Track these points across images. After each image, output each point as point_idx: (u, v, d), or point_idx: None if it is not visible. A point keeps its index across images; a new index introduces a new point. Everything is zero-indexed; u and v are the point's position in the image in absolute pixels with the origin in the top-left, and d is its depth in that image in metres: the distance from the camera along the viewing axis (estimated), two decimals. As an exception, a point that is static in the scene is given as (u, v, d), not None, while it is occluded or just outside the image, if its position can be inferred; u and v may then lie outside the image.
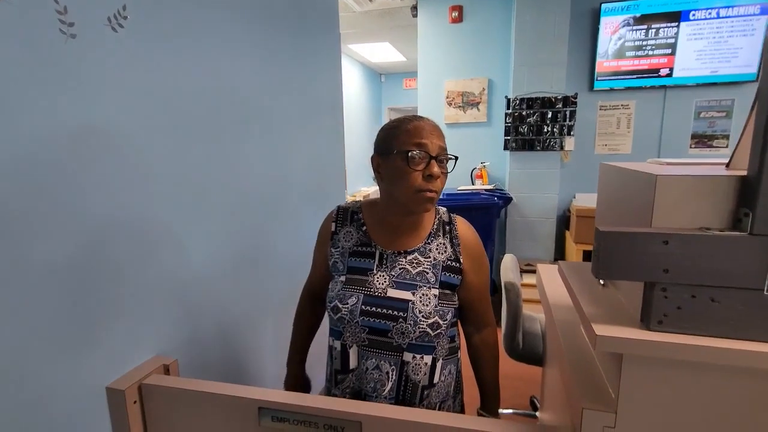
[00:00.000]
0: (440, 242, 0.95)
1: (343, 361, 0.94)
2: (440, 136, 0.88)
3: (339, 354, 0.94)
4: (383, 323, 0.88)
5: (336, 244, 0.97)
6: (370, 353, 0.91)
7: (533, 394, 2.22)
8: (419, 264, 0.92)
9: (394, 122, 0.91)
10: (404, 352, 0.90)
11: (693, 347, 0.55)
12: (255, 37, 1.33)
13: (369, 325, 0.89)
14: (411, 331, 0.88)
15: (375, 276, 0.92)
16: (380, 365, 0.91)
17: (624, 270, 0.58)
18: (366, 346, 0.91)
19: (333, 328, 0.97)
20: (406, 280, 0.91)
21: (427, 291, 0.90)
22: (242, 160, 1.29)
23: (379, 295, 0.90)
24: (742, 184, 0.55)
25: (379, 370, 0.91)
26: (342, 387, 0.96)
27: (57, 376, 0.78)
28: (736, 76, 3.20)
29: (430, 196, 0.85)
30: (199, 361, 1.14)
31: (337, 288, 0.93)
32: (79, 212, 0.80)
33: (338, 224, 0.99)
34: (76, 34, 0.77)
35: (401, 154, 0.84)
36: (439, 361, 0.94)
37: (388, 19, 4.35)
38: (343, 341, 0.93)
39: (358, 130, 6.33)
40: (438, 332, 0.90)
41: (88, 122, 0.81)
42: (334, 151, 1.99)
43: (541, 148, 3.41)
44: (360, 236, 0.95)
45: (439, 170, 0.85)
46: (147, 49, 0.93)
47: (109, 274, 0.87)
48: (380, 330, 0.89)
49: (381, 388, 0.91)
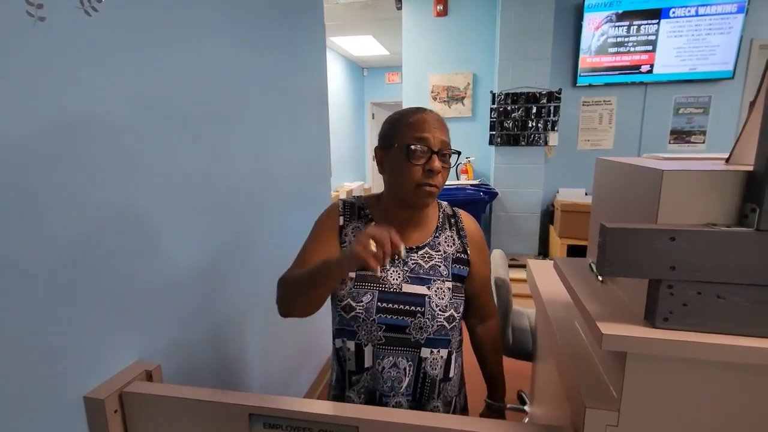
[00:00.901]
0: (448, 235, 0.94)
1: (357, 361, 0.90)
2: (443, 129, 0.86)
3: (353, 355, 0.90)
4: (401, 319, 0.87)
5: (344, 239, 0.92)
6: (386, 351, 0.89)
7: (521, 388, 2.24)
8: (431, 258, 0.91)
9: (398, 114, 0.89)
10: (422, 347, 0.88)
11: (700, 345, 0.55)
12: (237, 25, 1.27)
13: (386, 323, 0.87)
14: (429, 325, 0.87)
15: (388, 272, 0.89)
16: (397, 362, 0.89)
17: (630, 267, 0.57)
18: (382, 344, 0.88)
19: (344, 328, 0.91)
20: (419, 274, 0.89)
21: (441, 284, 0.89)
22: (225, 156, 1.24)
23: (395, 291, 0.87)
24: (748, 179, 0.54)
25: (396, 368, 0.89)
26: (357, 388, 0.92)
27: (30, 385, 0.73)
28: (713, 73, 3.28)
29: (429, 191, 0.84)
30: (183, 365, 1.09)
31: (348, 286, 0.89)
32: (53, 211, 0.74)
33: (345, 218, 0.94)
34: (45, 17, 0.71)
35: (402, 148, 0.83)
36: (453, 354, 0.94)
37: (371, 11, 4.29)
38: (357, 340, 0.89)
39: (341, 125, 6.26)
40: (453, 325, 0.90)
41: (58, 114, 0.75)
42: (319, 145, 1.95)
43: (525, 144, 3.43)
44: None
45: (439, 165, 0.83)
46: (123, 37, 0.87)
47: (86, 275, 0.81)
48: (398, 327, 0.87)
49: (398, 385, 0.89)
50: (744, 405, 0.57)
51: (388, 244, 0.67)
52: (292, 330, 1.71)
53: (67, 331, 0.79)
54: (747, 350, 0.54)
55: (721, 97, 3.37)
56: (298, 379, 1.87)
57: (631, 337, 0.57)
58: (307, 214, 1.02)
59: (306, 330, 1.89)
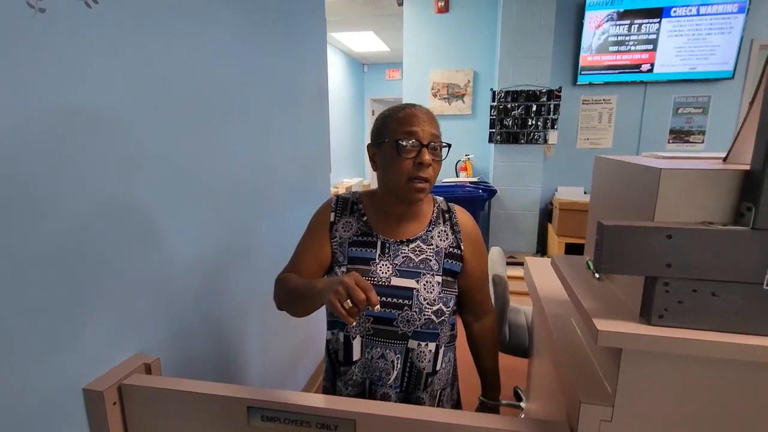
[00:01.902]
0: (441, 229, 0.95)
1: (346, 352, 0.92)
2: (433, 123, 0.87)
3: (342, 345, 0.92)
4: (388, 312, 0.88)
5: (334, 235, 0.94)
6: (375, 342, 0.90)
7: (517, 384, 2.26)
8: (422, 252, 0.92)
9: (388, 111, 0.90)
10: (409, 339, 0.90)
11: (694, 341, 0.55)
12: (238, 18, 1.27)
13: (374, 315, 0.88)
14: (416, 318, 0.88)
15: (378, 265, 0.90)
16: (385, 354, 0.90)
17: (627, 264, 0.57)
18: (371, 335, 0.90)
19: (335, 320, 0.94)
20: (409, 268, 0.90)
21: (430, 278, 0.90)
22: (226, 150, 1.24)
23: (383, 284, 0.89)
24: (745, 178, 0.55)
25: (384, 359, 0.91)
26: (345, 379, 0.94)
27: (30, 377, 0.73)
28: (713, 73, 3.28)
29: (420, 186, 0.84)
30: (182, 359, 1.09)
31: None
32: (53, 204, 0.74)
33: (337, 214, 0.96)
34: (46, 8, 0.71)
35: (392, 143, 0.84)
36: (441, 348, 0.94)
37: (372, 7, 4.28)
38: (346, 332, 0.91)
39: (341, 121, 6.25)
40: (442, 319, 0.91)
41: (57, 105, 0.75)
42: (319, 140, 1.95)
43: (525, 141, 3.44)
44: (360, 226, 0.94)
45: (430, 158, 0.84)
46: (124, 29, 0.87)
47: (86, 268, 0.82)
48: (386, 319, 0.89)
49: (386, 376, 0.91)
50: (737, 401, 0.58)
51: (363, 302, 0.66)
52: (290, 324, 1.71)
53: (68, 324, 0.79)
54: (741, 348, 0.54)
55: (720, 97, 3.37)
56: (296, 373, 1.88)
57: (627, 333, 0.57)
58: (306, 209, 1.03)
59: (304, 324, 1.89)
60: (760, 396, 0.57)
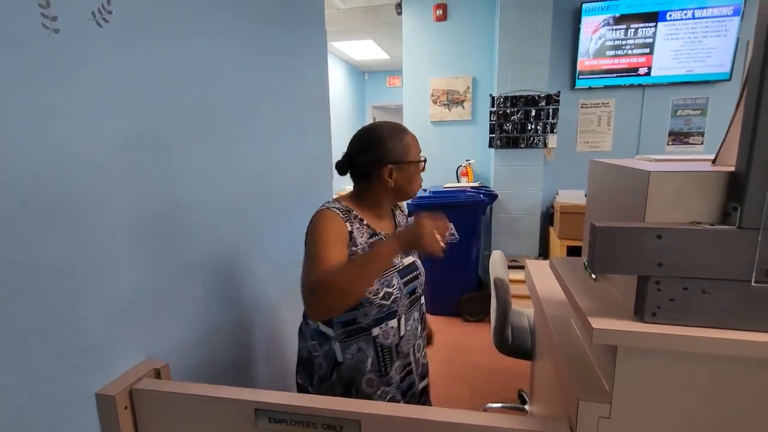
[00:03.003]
0: (398, 213, 1.25)
1: (386, 359, 1.08)
2: None
3: (396, 331, 1.08)
4: (413, 285, 1.12)
5: (355, 243, 1.03)
6: (409, 314, 1.12)
7: (521, 387, 2.26)
8: None
9: (397, 134, 1.07)
10: (422, 297, 1.18)
11: (686, 338, 0.57)
12: (242, 33, 1.31)
13: (409, 291, 1.11)
14: (422, 281, 1.17)
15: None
16: (415, 318, 1.15)
17: (619, 264, 0.59)
18: (408, 309, 1.12)
19: (379, 317, 1.05)
20: None
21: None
22: (231, 158, 1.27)
23: (403, 266, 1.11)
24: (730, 179, 0.57)
25: (414, 322, 1.15)
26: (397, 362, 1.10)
27: (43, 383, 0.76)
28: (710, 75, 3.31)
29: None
30: (190, 363, 1.11)
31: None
32: (61, 215, 0.77)
33: (349, 224, 1.04)
34: (60, 29, 0.74)
35: (415, 164, 1.09)
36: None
37: (372, 17, 4.33)
38: (398, 316, 1.08)
39: (342, 128, 6.29)
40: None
41: (72, 121, 0.78)
42: (321, 148, 1.98)
43: (525, 146, 3.46)
44: (367, 230, 1.08)
45: None
46: (132, 46, 0.90)
47: (96, 275, 0.84)
48: (413, 291, 1.13)
49: (417, 339, 1.16)
50: (729, 395, 0.60)
51: (447, 232, 0.90)
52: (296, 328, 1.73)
53: (80, 330, 0.81)
54: (731, 343, 0.56)
55: (718, 99, 3.39)
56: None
57: (621, 331, 0.59)
58: (309, 215, 1.06)
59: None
60: (750, 390, 0.59)
